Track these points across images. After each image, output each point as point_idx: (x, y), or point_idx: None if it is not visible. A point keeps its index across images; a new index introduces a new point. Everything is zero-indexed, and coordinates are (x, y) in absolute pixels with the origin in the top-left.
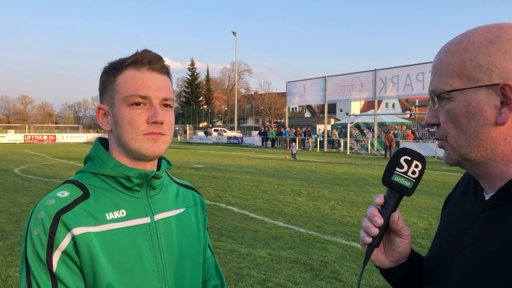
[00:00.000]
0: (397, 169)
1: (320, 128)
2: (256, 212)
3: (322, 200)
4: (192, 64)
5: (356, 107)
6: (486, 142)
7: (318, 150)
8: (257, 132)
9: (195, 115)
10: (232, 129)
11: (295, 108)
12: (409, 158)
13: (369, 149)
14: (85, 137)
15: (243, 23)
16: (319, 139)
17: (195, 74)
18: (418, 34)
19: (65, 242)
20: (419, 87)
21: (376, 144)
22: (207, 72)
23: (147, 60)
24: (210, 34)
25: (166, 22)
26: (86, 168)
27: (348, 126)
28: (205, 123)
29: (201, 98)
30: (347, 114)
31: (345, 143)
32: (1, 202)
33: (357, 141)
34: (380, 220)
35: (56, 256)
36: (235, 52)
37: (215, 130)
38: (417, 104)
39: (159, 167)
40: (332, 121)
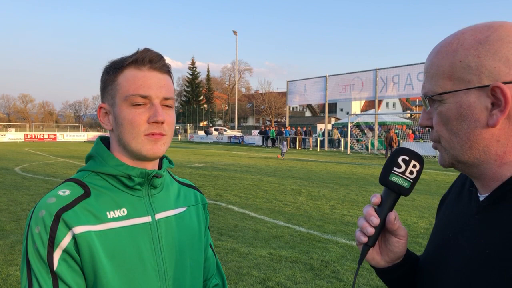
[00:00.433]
0: (395, 168)
1: (320, 127)
2: (257, 212)
3: (322, 200)
4: (193, 63)
5: (356, 106)
6: (479, 144)
7: (318, 150)
8: (257, 131)
9: (195, 114)
10: (232, 128)
11: (296, 107)
12: (407, 158)
13: (370, 148)
14: (85, 136)
15: (244, 22)
16: (319, 139)
17: (195, 73)
18: (418, 34)
19: (66, 241)
20: (419, 86)
21: (376, 143)
22: (208, 71)
23: (148, 59)
24: (211, 33)
25: (167, 22)
26: (87, 167)
27: (349, 126)
28: (205, 122)
29: (201, 97)
30: (347, 113)
31: (346, 143)
32: (2, 200)
33: (357, 140)
34: (376, 220)
35: (57, 255)
36: (235, 51)
37: (216, 129)
38: (418, 103)
39: (160, 166)
40: (333, 121)
